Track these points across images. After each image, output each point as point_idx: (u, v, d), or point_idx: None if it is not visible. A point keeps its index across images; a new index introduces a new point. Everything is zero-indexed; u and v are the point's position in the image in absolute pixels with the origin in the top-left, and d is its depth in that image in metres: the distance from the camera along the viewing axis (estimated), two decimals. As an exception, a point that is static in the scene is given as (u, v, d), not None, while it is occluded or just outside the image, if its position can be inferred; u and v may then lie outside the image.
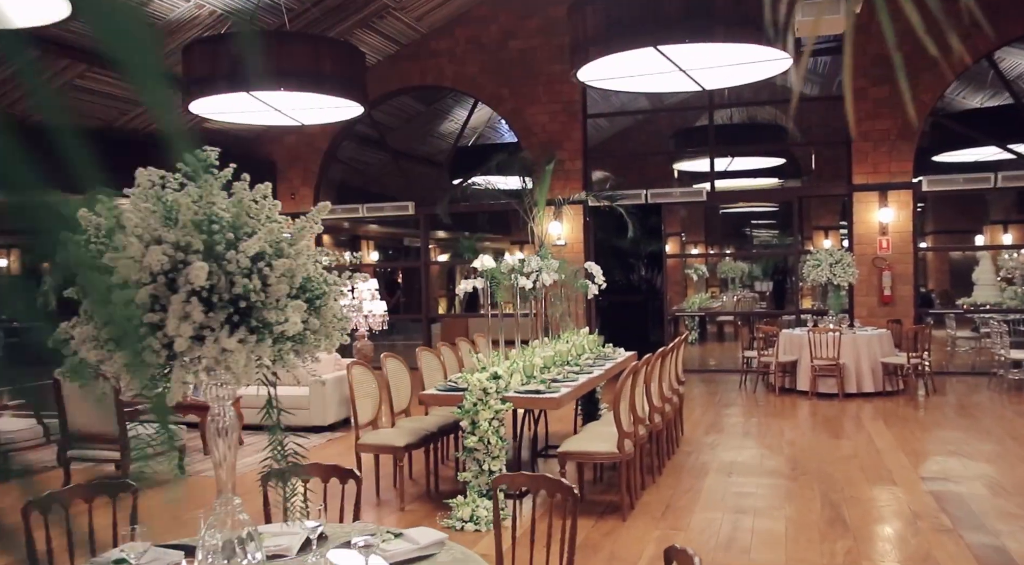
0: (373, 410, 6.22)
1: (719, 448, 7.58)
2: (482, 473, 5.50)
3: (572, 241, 13.46)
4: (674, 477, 6.52)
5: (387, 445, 5.84)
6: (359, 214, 14.67)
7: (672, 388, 7.18)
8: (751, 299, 20.22)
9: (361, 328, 8.69)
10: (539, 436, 7.93)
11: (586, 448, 5.50)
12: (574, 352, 7.35)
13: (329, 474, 3.36)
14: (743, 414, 9.35)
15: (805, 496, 5.92)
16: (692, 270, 19.81)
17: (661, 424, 6.60)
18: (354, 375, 6.05)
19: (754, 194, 16.37)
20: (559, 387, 5.81)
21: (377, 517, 5.74)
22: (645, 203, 13.21)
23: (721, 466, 6.85)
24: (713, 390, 11.26)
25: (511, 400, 5.57)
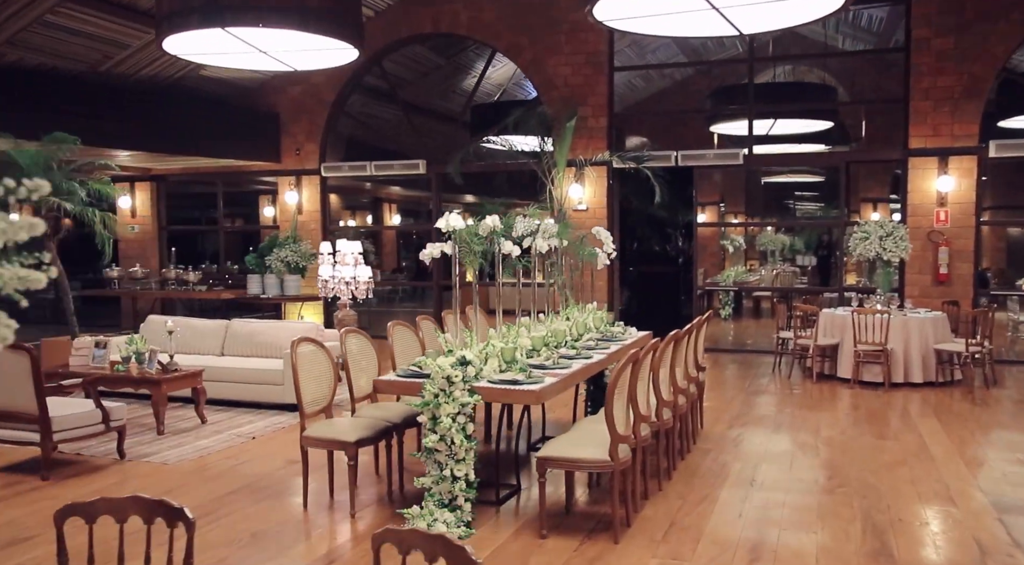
0: (325, 394, 5.25)
1: (743, 446, 6.50)
2: (443, 479, 4.51)
3: (594, 206, 12.35)
4: (685, 483, 5.47)
5: (334, 439, 4.87)
6: (367, 172, 13.67)
7: (689, 376, 6.10)
8: (791, 274, 18.92)
9: (343, 296, 7.73)
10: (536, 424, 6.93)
11: (571, 454, 4.47)
12: (575, 331, 6.29)
13: (153, 512, 2.36)
14: (774, 403, 8.24)
15: (842, 516, 4.83)
16: (728, 241, 18.54)
17: (672, 420, 5.54)
18: (300, 354, 5.07)
19: (797, 158, 15.00)
20: (543, 376, 4.77)
21: (326, 524, 4.79)
22: (675, 166, 12.01)
23: (743, 471, 5.78)
24: (743, 373, 10.14)
25: (481, 391, 4.55)
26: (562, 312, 6.54)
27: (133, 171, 14.94)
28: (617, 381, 4.38)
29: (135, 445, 6.48)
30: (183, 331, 8.74)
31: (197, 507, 5.01)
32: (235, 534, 4.55)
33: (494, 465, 5.14)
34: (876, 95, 13.16)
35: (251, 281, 13.12)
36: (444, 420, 4.45)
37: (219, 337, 8.58)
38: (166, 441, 6.62)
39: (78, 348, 7.47)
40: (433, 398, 4.51)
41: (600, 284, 12.22)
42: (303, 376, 5.03)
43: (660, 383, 5.28)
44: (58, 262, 8.96)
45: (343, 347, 5.41)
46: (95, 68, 11.47)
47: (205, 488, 5.40)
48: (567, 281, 6.67)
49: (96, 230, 8.72)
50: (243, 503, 5.10)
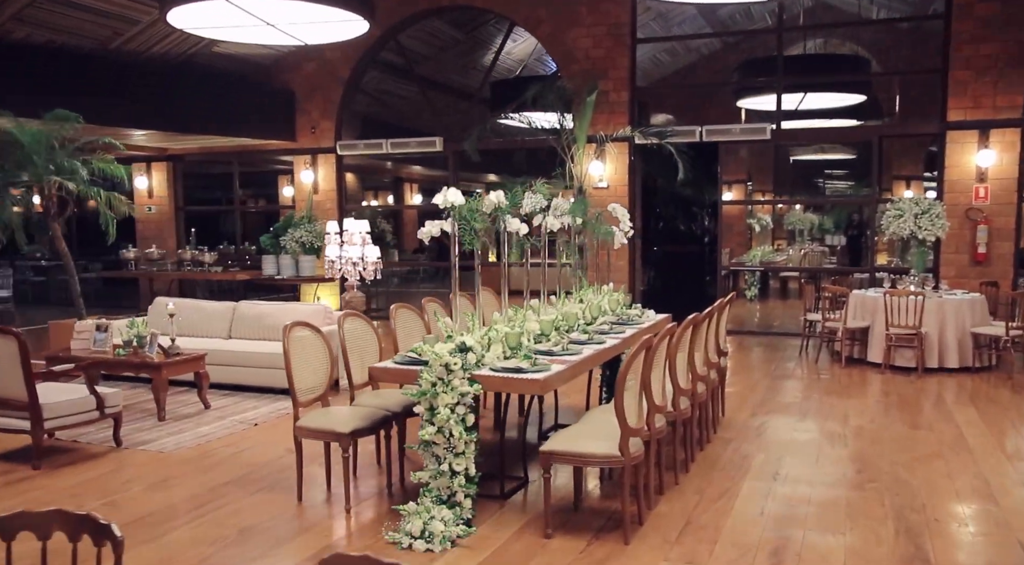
0: (321, 382, 4.98)
1: (766, 435, 6.15)
2: (442, 474, 4.22)
3: (615, 184, 11.94)
4: (703, 477, 5.14)
5: (328, 430, 4.59)
6: (382, 150, 13.37)
7: (709, 362, 5.76)
8: (820, 254, 18.39)
9: (351, 277, 7.45)
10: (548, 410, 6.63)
11: (578, 448, 4.15)
12: (588, 314, 5.96)
13: (78, 529, 2.07)
14: (801, 389, 7.86)
15: (873, 515, 4.48)
16: (755, 220, 18.05)
17: (690, 409, 5.21)
18: (294, 339, 4.80)
19: (827, 133, 14.47)
20: (549, 364, 4.45)
21: (319, 520, 4.53)
22: (700, 141, 11.57)
23: (766, 463, 5.44)
24: (769, 356, 9.75)
25: (481, 380, 4.25)
26: (575, 294, 6.21)
27: (149, 151, 14.77)
28: (628, 370, 4.05)
29: (134, 432, 6.28)
30: (190, 314, 8.54)
31: (189, 499, 4.79)
32: (222, 530, 4.30)
33: (499, 456, 4.84)
34: (913, 63, 12.59)
35: (266, 262, 12.91)
36: (442, 411, 4.16)
37: (226, 320, 8.35)
38: (166, 427, 6.41)
39: (79, 331, 7.28)
40: (430, 387, 4.22)
41: (621, 264, 11.87)
42: (296, 362, 4.76)
43: (677, 370, 4.94)
44: (62, 243, 8.79)
45: (340, 331, 5.13)
46: (105, 45, 11.24)
47: (200, 478, 5.17)
48: (582, 261, 6.33)
49: (100, 210, 8.49)
50: (236, 495, 4.86)
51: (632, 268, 11.97)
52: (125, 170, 9.00)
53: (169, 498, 4.81)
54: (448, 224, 4.54)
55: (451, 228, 4.53)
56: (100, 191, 8.56)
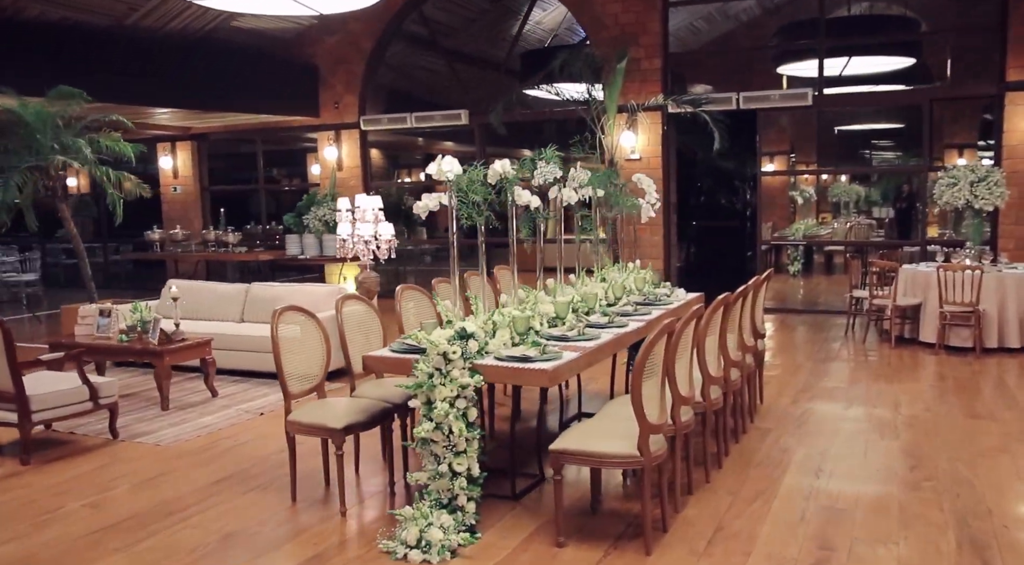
0: (315, 372, 4.58)
1: (809, 425, 5.63)
2: (441, 476, 3.80)
3: (648, 155, 11.37)
4: (737, 474, 4.65)
5: (319, 425, 4.20)
6: (407, 124, 12.93)
7: (744, 345, 5.25)
8: (866, 227, 17.59)
9: (363, 256, 7.05)
10: (571, 398, 6.19)
11: (591, 447, 3.69)
12: (611, 294, 5.48)
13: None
14: (847, 373, 7.30)
15: (931, 520, 3.97)
16: (798, 192, 17.30)
17: (722, 399, 4.72)
18: (283, 324, 4.40)
19: (874, 97, 13.66)
20: (561, 352, 3.99)
21: (311, 524, 4.15)
22: (737, 109, 10.93)
23: (808, 457, 4.93)
24: (812, 337, 9.17)
25: (483, 370, 3.81)
26: (597, 272, 5.73)
27: (173, 130, 14.54)
28: (647, 358, 3.57)
29: (135, 422, 5.98)
30: (203, 296, 8.24)
31: (176, 499, 4.44)
32: (204, 536, 3.94)
33: (510, 451, 4.41)
34: (967, 20, 11.75)
35: (289, 241, 12.60)
36: (440, 405, 3.73)
37: (238, 303, 8.03)
38: (168, 417, 6.10)
39: (83, 317, 6.99)
40: (427, 379, 3.79)
41: (655, 239, 11.34)
42: (286, 351, 4.37)
43: (707, 356, 4.46)
44: (71, 224, 8.52)
45: (338, 316, 4.73)
46: (120, 22, 10.94)
47: (192, 475, 4.83)
48: (607, 236, 5.85)
49: (106, 190, 8.19)
50: (228, 495, 4.50)
51: (667, 244, 11.42)
52: (136, 148, 8.66)
53: (155, 498, 4.47)
54: (446, 198, 4.08)
55: (448, 202, 4.07)
56: (109, 170, 8.25)
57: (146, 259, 14.62)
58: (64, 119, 8.11)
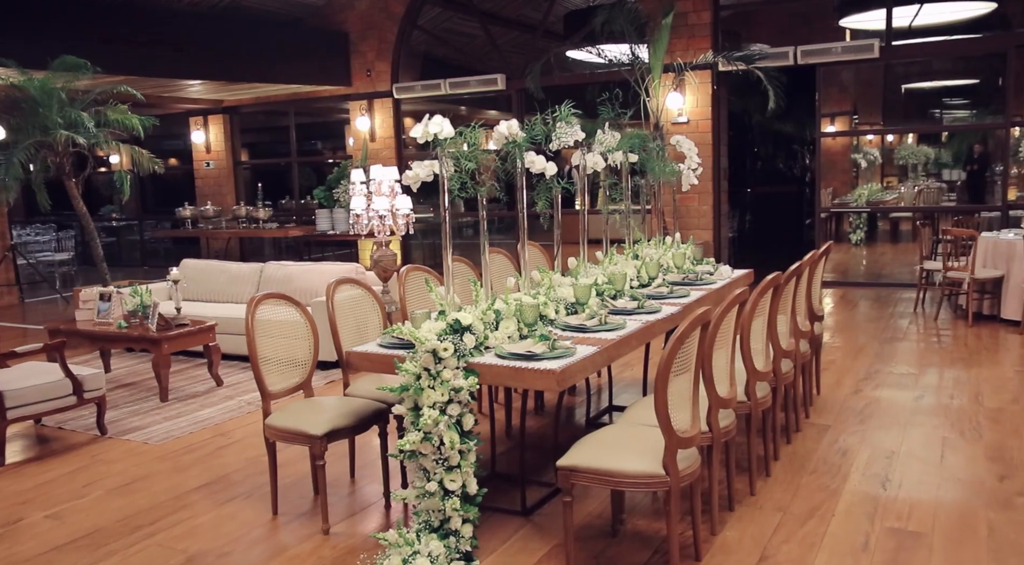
0: (301, 368, 4.04)
1: (873, 422, 4.91)
2: (430, 494, 3.22)
3: (696, 118, 10.56)
4: (788, 483, 3.99)
5: (296, 431, 3.65)
6: (440, 91, 12.30)
7: (798, 332, 4.55)
8: (936, 191, 16.41)
9: (380, 232, 6.50)
10: (602, 387, 5.59)
11: (607, 464, 3.06)
12: (644, 273, 4.81)
13: None
14: (917, 356, 6.51)
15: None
16: (861, 155, 16.20)
17: (770, 398, 4.04)
18: (260, 317, 3.86)
19: (949, 47, 12.52)
20: (575, 346, 3.35)
21: (288, 543, 3.62)
22: (795, 65, 10.03)
23: (872, 462, 4.23)
24: (877, 314, 8.35)
25: (481, 370, 3.21)
26: (627, 249, 5.06)
27: (205, 103, 14.17)
28: (674, 356, 2.92)
29: (128, 416, 5.55)
30: (216, 277, 7.81)
31: (147, 510, 3.96)
32: (166, 557, 3.44)
33: (519, 458, 3.81)
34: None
35: (319, 216, 12.13)
36: (428, 412, 3.15)
37: (253, 283, 7.58)
38: (165, 410, 5.65)
39: (85, 301, 6.59)
40: (414, 380, 3.20)
41: (704, 209, 10.57)
42: (263, 343, 3.83)
43: (753, 348, 3.78)
44: (79, 202, 8.14)
45: (328, 303, 4.16)
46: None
47: (172, 480, 4.35)
48: (650, 207, 5.16)
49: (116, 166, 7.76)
50: (205, 505, 4.00)
51: (716, 213, 10.62)
52: (148, 121, 8.21)
53: (125, 508, 4.00)
54: (439, 165, 3.46)
55: (439, 170, 3.45)
56: (118, 144, 7.83)
57: (183, 236, 14.34)
58: (71, 92, 7.69)
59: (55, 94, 7.53)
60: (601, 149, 4.60)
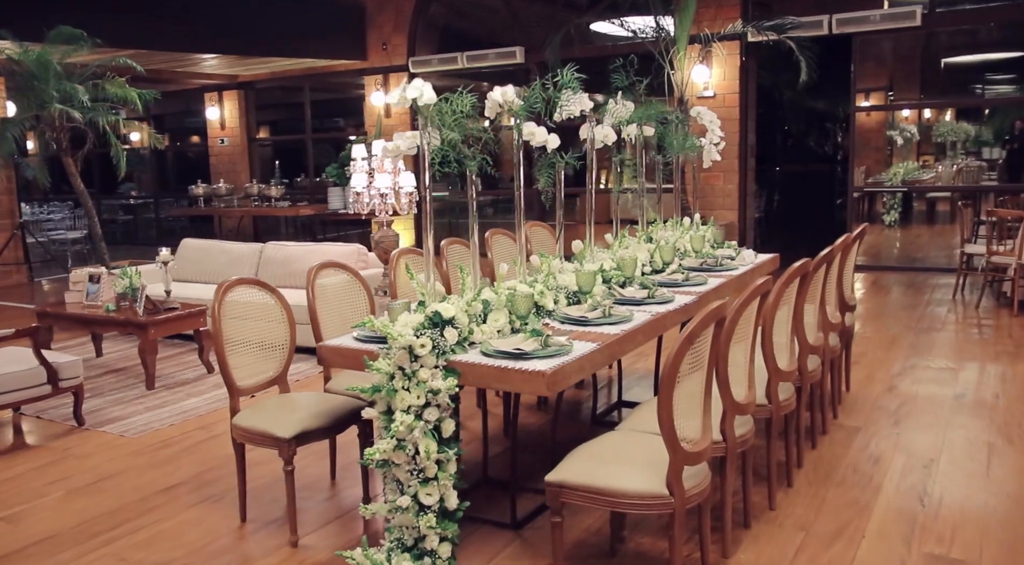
0: (275, 361, 3.70)
1: (908, 424, 4.47)
2: (402, 510, 2.86)
3: (723, 92, 10.05)
4: (812, 497, 3.58)
5: (262, 432, 3.30)
6: (458, 65, 11.87)
7: (827, 324, 4.12)
8: (976, 169, 15.69)
9: (381, 212, 6.14)
10: (604, 382, 5.20)
11: (601, 481, 2.67)
12: (658, 258, 4.39)
13: None
14: (956, 349, 6.04)
15: (1087, 579, 2.83)
16: (898, 131, 15.52)
17: (794, 400, 3.63)
18: (229, 304, 3.51)
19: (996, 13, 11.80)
20: (571, 343, 2.95)
21: (255, 556, 3.29)
22: (829, 34, 9.46)
23: (908, 472, 3.81)
24: (912, 300, 7.85)
25: (463, 369, 2.83)
26: (640, 231, 4.63)
27: (219, 79, 13.87)
28: (681, 360, 2.51)
29: (110, 404, 5.25)
30: (216, 257, 7.50)
31: (110, 514, 3.65)
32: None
33: (511, 464, 3.43)
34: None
35: (332, 195, 11.78)
36: (402, 417, 2.78)
37: (252, 264, 7.25)
38: (150, 399, 5.35)
39: (75, 282, 6.31)
40: (387, 381, 2.84)
41: (729, 188, 10.08)
42: (231, 332, 3.48)
43: (775, 344, 3.37)
44: (77, 180, 7.85)
45: (309, 290, 3.80)
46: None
47: (141, 479, 4.04)
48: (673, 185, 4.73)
49: (111, 142, 7.45)
50: (171, 508, 3.68)
51: (742, 193, 10.12)
52: (150, 94, 7.89)
53: (88, 510, 3.69)
54: (418, 137, 3.06)
55: (420, 142, 3.05)
56: (118, 118, 7.51)
57: (198, 215, 14.09)
58: (70, 65, 7.37)
59: (51, 66, 7.21)
60: (612, 121, 4.18)
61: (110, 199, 17.37)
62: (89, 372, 6.07)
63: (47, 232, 12.93)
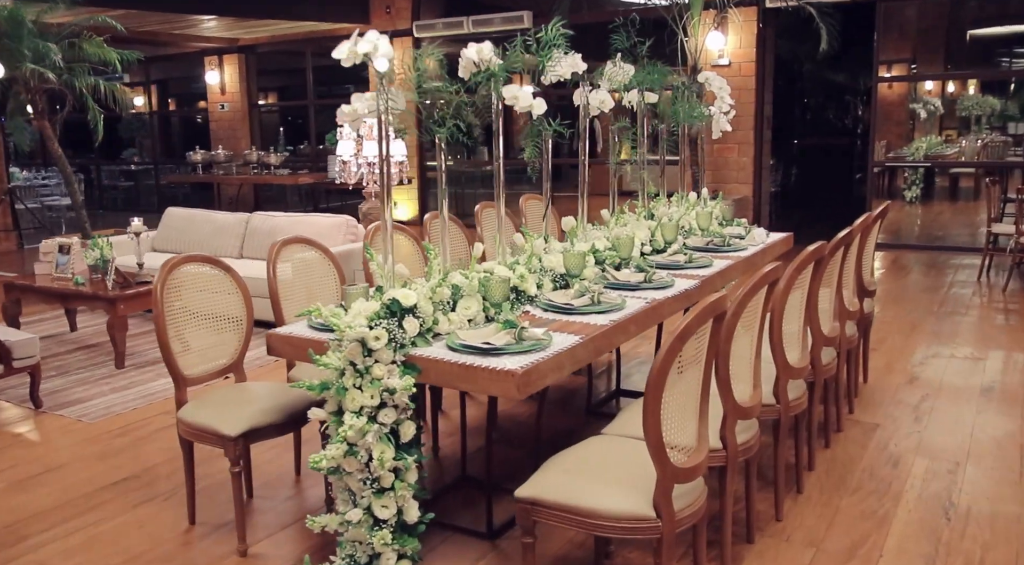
0: (228, 347, 3.35)
1: (931, 419, 4.09)
2: (352, 525, 2.51)
3: (739, 60, 9.56)
4: (824, 506, 3.21)
5: (207, 429, 2.96)
6: (463, 29, 11.37)
7: (845, 312, 3.72)
8: (1002, 145, 15.10)
9: (369, 181, 5.75)
10: (600, 368, 4.85)
11: (579, 499, 2.30)
12: (659, 237, 3.99)
13: None
14: (983, 336, 5.63)
15: None
16: (921, 105, 14.93)
17: (805, 398, 3.25)
18: (172, 284, 3.15)
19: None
20: (550, 336, 2.58)
21: (203, 563, 2.96)
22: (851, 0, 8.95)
23: (932, 477, 3.43)
24: (933, 282, 7.43)
25: (425, 366, 2.47)
26: (640, 208, 4.23)
27: (219, 42, 13.44)
28: (669, 366, 2.13)
29: (74, 384, 4.94)
30: (200, 227, 7.15)
31: (47, 513, 3.33)
32: (41, 583, 2.81)
33: (486, 465, 3.08)
34: None
35: (331, 162, 11.35)
36: (352, 419, 2.42)
37: (238, 235, 6.90)
38: (117, 379, 5.03)
39: (45, 253, 5.97)
40: (337, 378, 2.48)
41: (744, 161, 9.63)
42: (177, 317, 3.13)
43: (785, 335, 2.99)
44: (55, 144, 7.50)
45: (270, 268, 3.44)
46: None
47: (90, 471, 3.72)
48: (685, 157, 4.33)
49: (88, 105, 7.07)
50: (114, 507, 3.36)
51: (757, 166, 9.67)
52: (132, 55, 7.50)
53: (24, 507, 3.37)
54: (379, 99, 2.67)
55: (377, 104, 2.67)
56: (98, 80, 7.12)
57: (199, 182, 13.74)
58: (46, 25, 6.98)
59: (24, 24, 6.83)
60: (609, 86, 3.77)
61: (111, 165, 17.04)
62: (60, 348, 5.77)
63: (42, 198, 12.62)
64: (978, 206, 13.10)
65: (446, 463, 3.75)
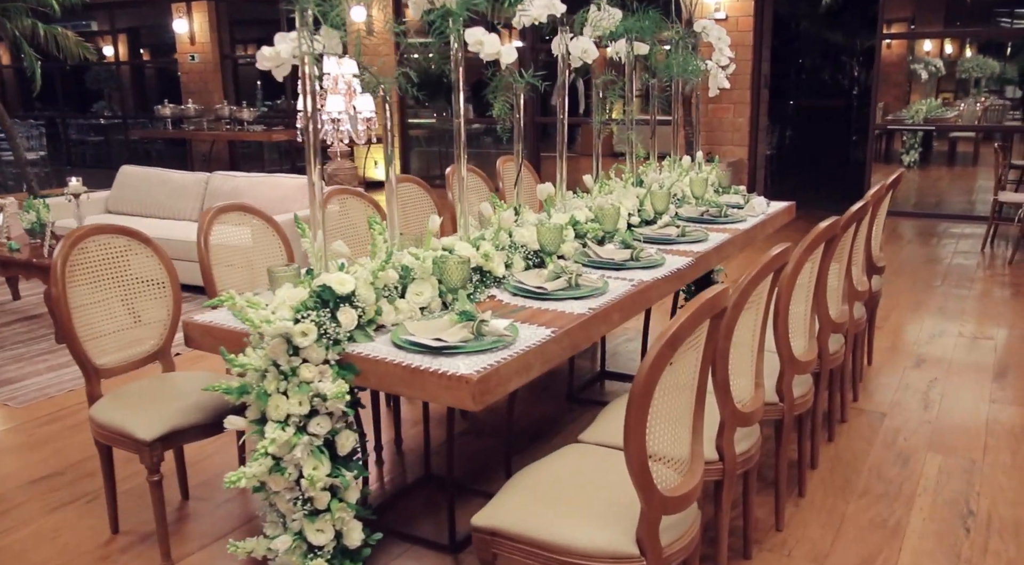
0: (152, 331, 2.94)
1: (942, 410, 3.73)
2: (287, 551, 2.12)
3: (736, 14, 9.05)
4: (827, 511, 2.85)
5: (119, 431, 2.55)
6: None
7: (853, 293, 3.33)
8: (1001, 108, 14.68)
9: (335, 141, 5.28)
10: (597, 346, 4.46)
11: (546, 533, 1.91)
12: (648, 208, 3.57)
13: None
14: (991, 313, 5.27)
15: None
16: (922, 65, 14.46)
17: (811, 395, 2.87)
18: (76, 258, 2.72)
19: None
20: (514, 329, 2.17)
21: (127, 573, 2.58)
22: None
23: (947, 476, 3.08)
24: (935, 253, 7.06)
25: (364, 366, 2.06)
26: (627, 174, 3.81)
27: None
28: (655, 377, 1.73)
29: (8, 361, 4.53)
30: (155, 189, 6.68)
31: None
32: (-76, 610, 2.43)
33: (447, 468, 2.70)
34: None
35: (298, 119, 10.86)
36: (276, 432, 2.02)
37: (197, 197, 6.43)
38: (56, 355, 4.62)
39: (-18, 214, 5.50)
40: (258, 380, 2.07)
41: (739, 122, 9.18)
42: (85, 296, 2.70)
43: (792, 327, 2.60)
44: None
45: (201, 240, 3.01)
46: None
47: (10, 466, 3.32)
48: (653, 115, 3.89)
49: (24, 52, 6.52)
50: (31, 510, 2.97)
51: (753, 128, 9.22)
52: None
53: None
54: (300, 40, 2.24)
55: (300, 44, 2.23)
56: (36, 23, 6.55)
57: (171, 137, 13.16)
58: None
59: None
60: (593, 33, 3.32)
61: (79, 119, 16.39)
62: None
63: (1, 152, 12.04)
64: (976, 171, 12.72)
65: (409, 458, 3.37)
